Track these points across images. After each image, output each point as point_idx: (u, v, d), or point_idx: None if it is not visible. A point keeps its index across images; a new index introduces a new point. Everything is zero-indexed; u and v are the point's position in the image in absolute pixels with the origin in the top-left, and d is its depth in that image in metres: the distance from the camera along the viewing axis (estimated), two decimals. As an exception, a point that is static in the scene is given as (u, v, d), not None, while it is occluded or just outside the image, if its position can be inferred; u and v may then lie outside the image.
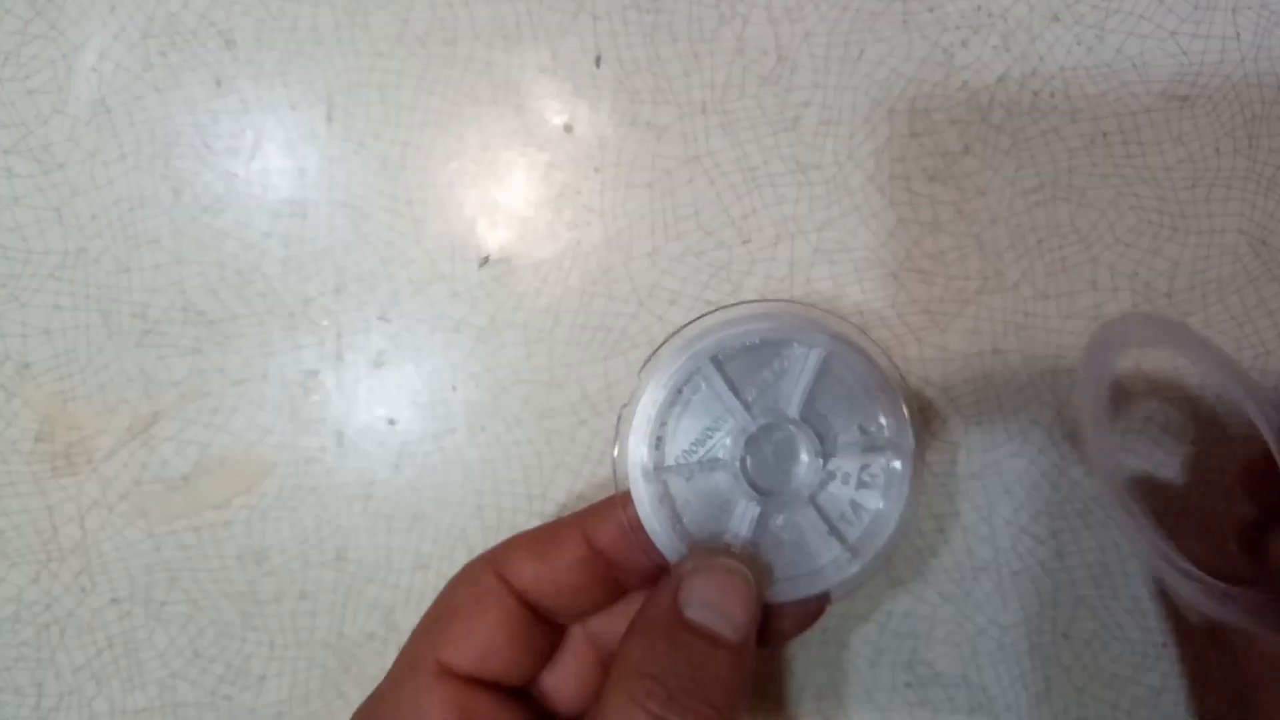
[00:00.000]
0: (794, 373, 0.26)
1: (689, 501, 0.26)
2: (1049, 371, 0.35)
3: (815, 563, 0.26)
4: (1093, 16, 0.36)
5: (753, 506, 0.26)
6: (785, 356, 0.26)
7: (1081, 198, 0.36)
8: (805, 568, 0.26)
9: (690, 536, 0.26)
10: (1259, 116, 0.35)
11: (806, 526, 0.26)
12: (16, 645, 0.37)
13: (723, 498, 0.26)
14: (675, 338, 0.27)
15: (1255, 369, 0.35)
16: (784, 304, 0.27)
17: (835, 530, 0.26)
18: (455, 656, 0.24)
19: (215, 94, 0.37)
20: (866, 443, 0.26)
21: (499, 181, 0.37)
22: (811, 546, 0.26)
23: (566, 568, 0.25)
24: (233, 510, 0.37)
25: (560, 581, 0.25)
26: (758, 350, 0.26)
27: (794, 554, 0.26)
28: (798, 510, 0.26)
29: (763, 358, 0.26)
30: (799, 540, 0.26)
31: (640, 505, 0.26)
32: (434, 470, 0.37)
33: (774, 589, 0.26)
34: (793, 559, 0.26)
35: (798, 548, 0.26)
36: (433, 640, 0.25)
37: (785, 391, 0.26)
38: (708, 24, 0.36)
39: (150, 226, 0.37)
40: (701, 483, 0.26)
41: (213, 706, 0.37)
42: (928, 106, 0.36)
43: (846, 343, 0.26)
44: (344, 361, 0.37)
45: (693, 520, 0.26)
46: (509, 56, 0.37)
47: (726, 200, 0.36)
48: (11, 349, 0.37)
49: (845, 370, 0.26)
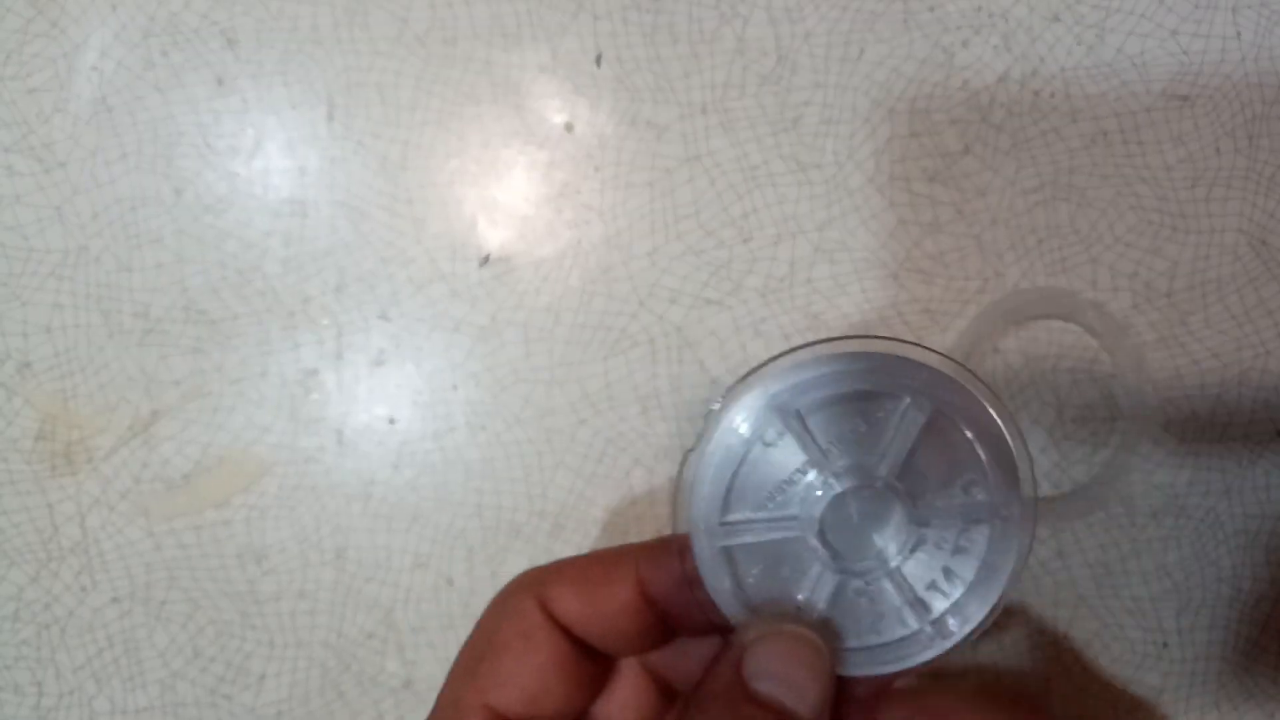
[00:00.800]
0: (891, 426, 0.22)
1: (756, 562, 0.23)
2: (1050, 372, 0.36)
3: (895, 633, 0.23)
4: (1093, 16, 0.36)
5: (829, 575, 0.23)
6: (883, 407, 0.23)
7: (1082, 198, 0.36)
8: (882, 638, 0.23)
9: (754, 600, 0.23)
10: (1259, 116, 0.35)
11: (888, 595, 0.23)
12: (16, 644, 0.37)
13: (794, 560, 0.23)
14: (755, 375, 0.23)
15: (1254, 369, 0.35)
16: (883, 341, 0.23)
17: (919, 602, 0.23)
18: (504, 700, 0.23)
19: (217, 93, 0.37)
20: (968, 506, 0.23)
21: (499, 180, 0.37)
22: (891, 616, 0.23)
23: (617, 612, 0.23)
24: (232, 509, 0.37)
25: (610, 624, 0.23)
26: (850, 399, 0.23)
27: (871, 621, 0.23)
28: (877, 578, 0.23)
29: (856, 407, 0.23)
30: (876, 608, 0.23)
31: (702, 562, 0.23)
32: (434, 469, 0.37)
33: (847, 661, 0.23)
34: (869, 627, 0.23)
35: (874, 615, 0.23)
36: (480, 683, 0.23)
37: (879, 447, 0.23)
38: (708, 24, 0.36)
39: (151, 225, 0.37)
40: (771, 545, 0.23)
41: (212, 705, 0.37)
42: (928, 106, 0.36)
43: (956, 392, 0.22)
44: (344, 360, 0.37)
45: (758, 583, 0.23)
46: (509, 56, 0.37)
47: (727, 200, 0.36)
48: (12, 347, 0.37)
49: (951, 425, 0.22)
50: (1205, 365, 0.35)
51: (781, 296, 0.36)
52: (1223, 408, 0.35)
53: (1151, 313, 0.35)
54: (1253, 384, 0.35)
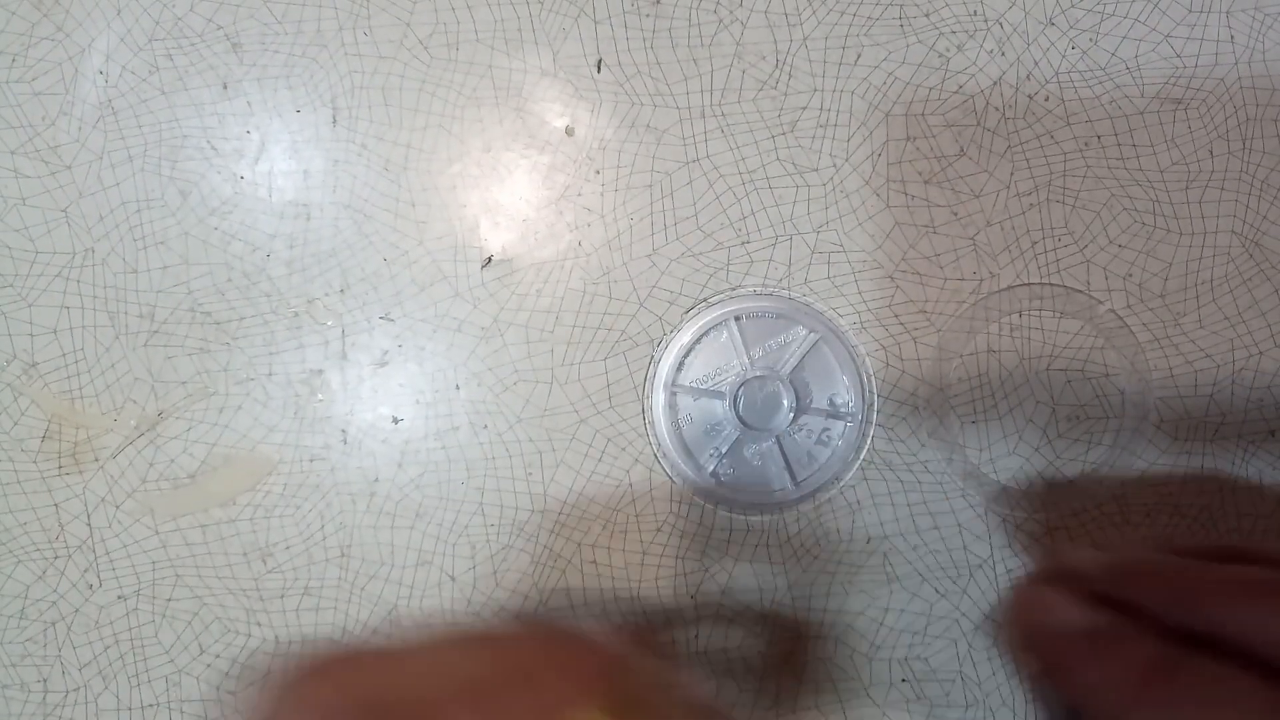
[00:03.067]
0: (793, 345, 0.35)
1: (690, 416, 0.36)
2: (1044, 372, 0.36)
3: (769, 487, 0.35)
4: (1087, 20, 0.36)
5: (735, 432, 0.35)
6: (791, 332, 0.35)
7: (1076, 200, 0.36)
8: (762, 486, 0.35)
9: (684, 442, 0.35)
10: (1252, 119, 0.36)
11: (770, 459, 0.35)
12: (23, 641, 0.38)
13: (715, 420, 0.35)
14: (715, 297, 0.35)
15: (1248, 369, 0.36)
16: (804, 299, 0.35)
17: (790, 467, 0.35)
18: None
19: (222, 97, 0.37)
20: (831, 410, 0.35)
21: (501, 183, 0.37)
22: (770, 475, 0.35)
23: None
24: (238, 508, 0.37)
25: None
26: (772, 322, 0.35)
27: (755, 478, 0.35)
28: (767, 446, 0.35)
29: (774, 329, 0.35)
30: (761, 468, 0.35)
31: (655, 408, 0.35)
32: (437, 468, 0.37)
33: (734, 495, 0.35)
34: (754, 479, 0.35)
35: (759, 474, 0.35)
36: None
37: (784, 357, 0.35)
38: (706, 29, 0.37)
39: (157, 228, 0.37)
40: (703, 405, 0.35)
41: (218, 702, 0.37)
42: (923, 110, 0.36)
43: (836, 333, 0.35)
44: (348, 361, 0.37)
45: (690, 431, 0.35)
46: (510, 60, 0.37)
47: (725, 202, 0.37)
48: (19, 348, 0.37)
49: (829, 353, 0.35)
50: (1199, 365, 0.36)
51: (779, 298, 0.36)
52: (1216, 407, 0.36)
53: (1145, 313, 0.36)
54: (1246, 384, 0.36)
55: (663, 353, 0.35)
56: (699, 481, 0.35)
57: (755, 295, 0.35)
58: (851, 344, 0.35)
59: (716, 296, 0.35)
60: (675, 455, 0.35)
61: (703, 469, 0.35)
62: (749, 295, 0.35)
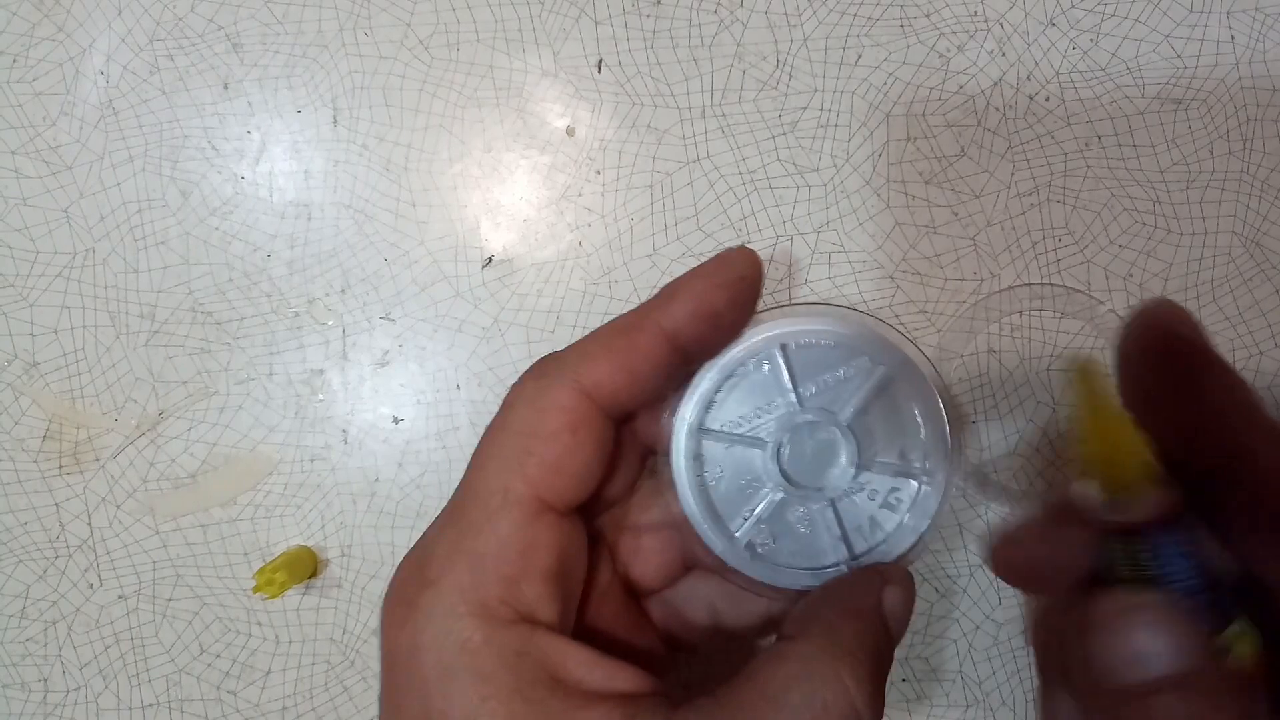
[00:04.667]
0: (855, 381, 0.27)
1: (721, 469, 0.27)
2: (1044, 372, 0.36)
3: (818, 561, 0.27)
4: (1087, 21, 0.36)
5: (777, 493, 0.26)
6: (852, 365, 0.27)
7: (1076, 200, 0.36)
8: (807, 563, 0.27)
9: (711, 502, 0.27)
10: (1253, 119, 0.36)
11: (821, 526, 0.27)
12: (23, 641, 0.38)
13: (753, 475, 0.27)
14: (759, 315, 0.27)
15: (1248, 370, 0.36)
16: (864, 316, 0.27)
17: (846, 538, 0.27)
18: (554, 491, 0.23)
19: (222, 97, 0.37)
20: (902, 467, 0.27)
21: (502, 183, 0.37)
22: (819, 546, 0.27)
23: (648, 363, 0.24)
24: (239, 508, 0.37)
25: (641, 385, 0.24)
26: (827, 351, 0.27)
27: (801, 547, 0.27)
28: (817, 509, 0.27)
29: (830, 360, 0.27)
30: (810, 537, 0.27)
31: (675, 457, 0.26)
32: (437, 468, 0.37)
33: (773, 572, 0.27)
34: (798, 551, 0.27)
35: (806, 542, 0.27)
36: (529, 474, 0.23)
37: (842, 397, 0.26)
38: (707, 29, 0.37)
39: (158, 228, 0.37)
40: (737, 455, 0.27)
41: (218, 701, 0.37)
42: (924, 110, 0.36)
43: (912, 368, 0.26)
44: (349, 361, 0.37)
45: (719, 489, 0.27)
46: (511, 60, 0.37)
47: (726, 202, 0.37)
48: (20, 348, 0.38)
49: (903, 395, 0.27)
50: (1198, 365, 0.36)
51: (780, 298, 0.36)
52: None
53: (1145, 314, 0.36)
54: (1246, 384, 0.36)
55: (685, 385, 0.26)
56: (729, 553, 0.26)
57: (807, 313, 0.27)
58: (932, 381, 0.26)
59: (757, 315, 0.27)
60: (700, 521, 0.26)
61: (734, 538, 0.27)
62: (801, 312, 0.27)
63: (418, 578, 0.22)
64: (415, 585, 0.22)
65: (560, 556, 0.23)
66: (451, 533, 0.23)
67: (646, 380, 0.24)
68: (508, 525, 0.23)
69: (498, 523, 0.23)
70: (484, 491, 0.23)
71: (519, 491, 0.23)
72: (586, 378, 0.24)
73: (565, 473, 0.23)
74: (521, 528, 0.23)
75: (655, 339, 0.24)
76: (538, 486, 0.23)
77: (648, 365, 0.24)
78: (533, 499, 0.23)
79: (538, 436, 0.23)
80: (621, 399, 0.24)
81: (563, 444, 0.23)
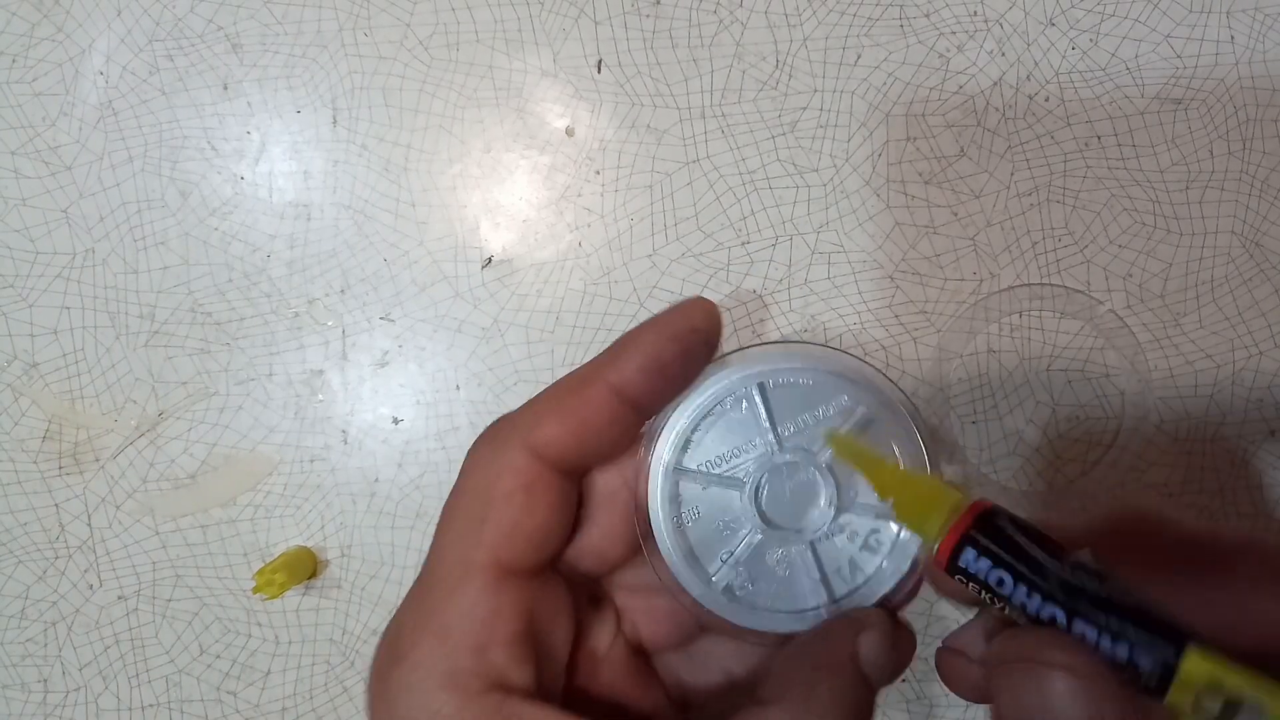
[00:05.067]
0: (835, 421, 0.26)
1: (697, 510, 0.27)
2: (1044, 372, 0.36)
3: (797, 605, 0.26)
4: (1087, 21, 0.36)
5: (755, 534, 0.26)
6: (831, 405, 0.26)
7: (1076, 200, 0.36)
8: (786, 606, 0.26)
9: (689, 544, 0.26)
10: (1252, 119, 0.36)
11: (800, 569, 0.26)
12: (23, 642, 0.38)
13: (730, 516, 0.26)
14: (734, 354, 0.26)
15: (1248, 369, 0.36)
16: (843, 354, 0.27)
17: (826, 581, 0.26)
18: (512, 555, 0.23)
19: (222, 97, 0.37)
20: (882, 509, 0.26)
21: (501, 184, 0.37)
22: (799, 589, 0.26)
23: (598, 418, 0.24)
24: (239, 508, 0.37)
25: (594, 434, 0.24)
26: (807, 391, 0.26)
27: (780, 590, 0.26)
28: (797, 551, 0.26)
29: (810, 400, 0.26)
30: (789, 579, 0.26)
31: (651, 498, 0.26)
32: (437, 468, 0.37)
33: (749, 615, 0.26)
34: (777, 594, 0.26)
35: (785, 585, 0.26)
36: (486, 540, 0.23)
37: (822, 437, 0.26)
38: (707, 29, 0.37)
39: (158, 228, 0.37)
40: (715, 496, 0.27)
41: (218, 702, 0.37)
42: (924, 111, 0.36)
43: (893, 410, 0.26)
44: (349, 361, 0.37)
45: (696, 530, 0.26)
46: (511, 60, 0.37)
47: (725, 202, 0.37)
48: (20, 349, 0.38)
49: (884, 436, 0.26)
50: (1199, 365, 0.36)
51: (779, 298, 0.36)
52: (1216, 408, 0.36)
53: (1145, 314, 0.36)
54: (1245, 384, 0.36)
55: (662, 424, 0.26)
56: (706, 597, 0.26)
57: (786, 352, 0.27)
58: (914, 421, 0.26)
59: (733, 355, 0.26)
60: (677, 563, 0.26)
61: (712, 581, 0.26)
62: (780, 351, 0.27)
63: (390, 653, 0.23)
64: (388, 661, 0.23)
65: (528, 619, 0.23)
66: (418, 607, 0.24)
67: (600, 435, 0.24)
68: (470, 595, 0.23)
69: (460, 594, 0.23)
70: (446, 562, 0.24)
71: (478, 559, 0.23)
72: (537, 438, 0.24)
73: (522, 534, 0.24)
74: (484, 595, 0.23)
75: (604, 394, 0.24)
76: (496, 551, 0.23)
77: (598, 420, 0.24)
78: (493, 565, 0.23)
79: (492, 502, 0.24)
80: (573, 457, 0.24)
81: (517, 506, 0.23)
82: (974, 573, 0.20)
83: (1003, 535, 0.20)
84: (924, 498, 0.22)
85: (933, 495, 0.22)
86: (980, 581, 0.20)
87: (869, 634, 0.24)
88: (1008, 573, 0.20)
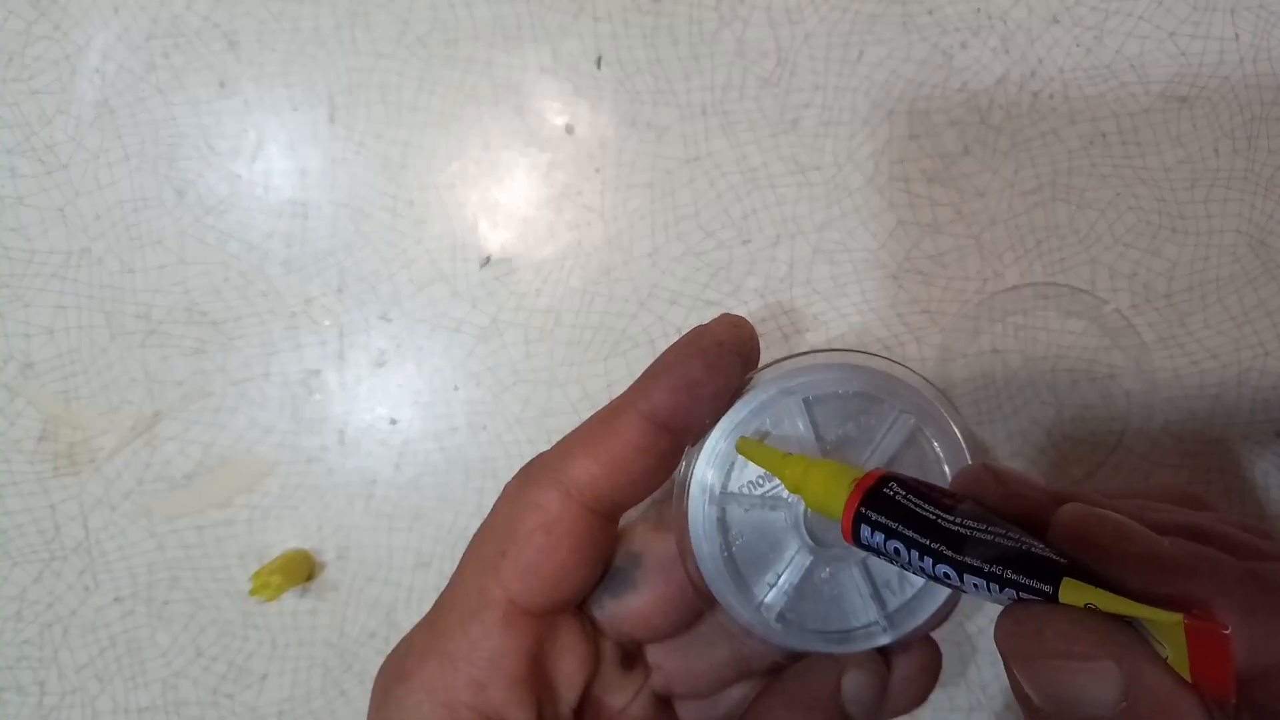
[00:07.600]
0: (880, 432, 0.25)
1: (743, 533, 0.26)
2: (1049, 372, 0.36)
3: (848, 622, 0.25)
4: (1091, 18, 0.36)
5: (805, 555, 0.25)
6: (875, 414, 0.25)
7: (1080, 199, 0.36)
8: (837, 625, 0.25)
9: (736, 567, 0.25)
10: (1258, 117, 0.36)
11: (849, 585, 0.25)
12: (19, 644, 0.37)
13: (775, 538, 0.26)
14: (770, 368, 0.26)
15: (1254, 369, 0.35)
16: (883, 360, 0.26)
17: (878, 595, 0.25)
18: (528, 594, 0.23)
19: (219, 95, 0.37)
20: None
21: (500, 182, 0.37)
22: (849, 606, 0.25)
23: (631, 452, 0.24)
24: (235, 509, 0.37)
25: (626, 470, 0.24)
26: (849, 401, 0.25)
27: (829, 609, 0.25)
28: (845, 568, 0.25)
29: (852, 410, 0.25)
30: (838, 597, 0.25)
31: (694, 524, 0.25)
32: (435, 469, 0.37)
33: (800, 638, 0.25)
34: (827, 614, 0.25)
35: (834, 604, 0.25)
36: (503, 577, 0.23)
37: (867, 448, 0.25)
38: (708, 26, 0.36)
39: (154, 227, 0.37)
40: (759, 518, 0.26)
41: (214, 705, 0.37)
42: (927, 108, 0.36)
43: (937, 417, 0.25)
44: (346, 361, 0.37)
45: (742, 553, 0.25)
46: (510, 57, 0.37)
47: (726, 201, 0.36)
48: (15, 349, 0.37)
49: (929, 443, 0.25)
50: (1204, 365, 0.35)
51: (781, 297, 0.36)
52: (1221, 408, 0.36)
53: (1150, 313, 0.36)
54: (1251, 384, 0.35)
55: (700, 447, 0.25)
56: (757, 623, 0.25)
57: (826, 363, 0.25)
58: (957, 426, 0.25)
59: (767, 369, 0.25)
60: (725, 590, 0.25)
61: (761, 606, 0.25)
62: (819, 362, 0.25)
63: (396, 670, 0.23)
64: (393, 676, 0.23)
65: (535, 661, 0.23)
66: (431, 629, 0.24)
67: (633, 465, 0.24)
68: (480, 629, 0.23)
69: (471, 625, 0.23)
70: (464, 589, 0.24)
71: (493, 595, 0.23)
72: (567, 474, 0.24)
73: (540, 575, 0.23)
74: (493, 632, 0.23)
75: (635, 421, 0.24)
76: (511, 590, 0.23)
77: (630, 450, 0.24)
78: (506, 603, 0.23)
79: (514, 539, 0.23)
80: (605, 491, 0.24)
81: (535, 545, 0.23)
82: (874, 547, 0.20)
83: (893, 504, 0.20)
84: (826, 482, 0.21)
85: (834, 477, 0.21)
86: (882, 553, 0.20)
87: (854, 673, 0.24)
88: (900, 542, 0.20)
